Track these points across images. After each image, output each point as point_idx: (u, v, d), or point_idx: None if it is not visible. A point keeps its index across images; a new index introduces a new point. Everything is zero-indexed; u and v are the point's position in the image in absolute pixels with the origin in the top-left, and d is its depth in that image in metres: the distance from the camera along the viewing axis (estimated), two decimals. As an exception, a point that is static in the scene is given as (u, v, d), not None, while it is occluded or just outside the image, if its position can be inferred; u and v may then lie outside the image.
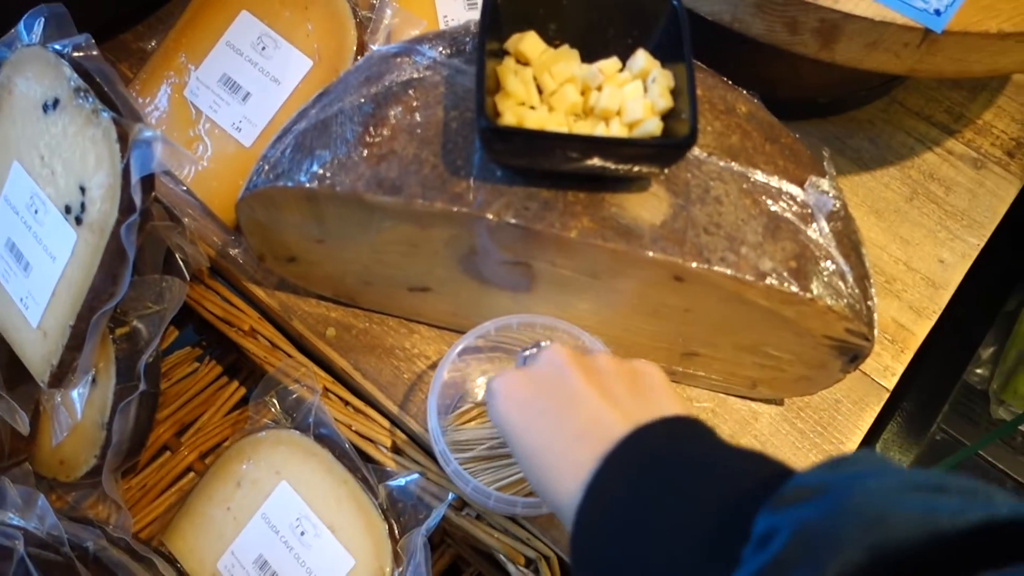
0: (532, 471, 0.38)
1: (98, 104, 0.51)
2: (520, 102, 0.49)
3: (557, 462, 0.37)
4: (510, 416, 0.40)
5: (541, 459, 0.38)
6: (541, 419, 0.39)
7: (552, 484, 0.36)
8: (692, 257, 0.48)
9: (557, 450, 0.37)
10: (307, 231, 0.54)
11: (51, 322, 0.55)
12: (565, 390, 0.39)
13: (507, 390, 0.41)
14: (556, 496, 0.36)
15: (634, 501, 0.33)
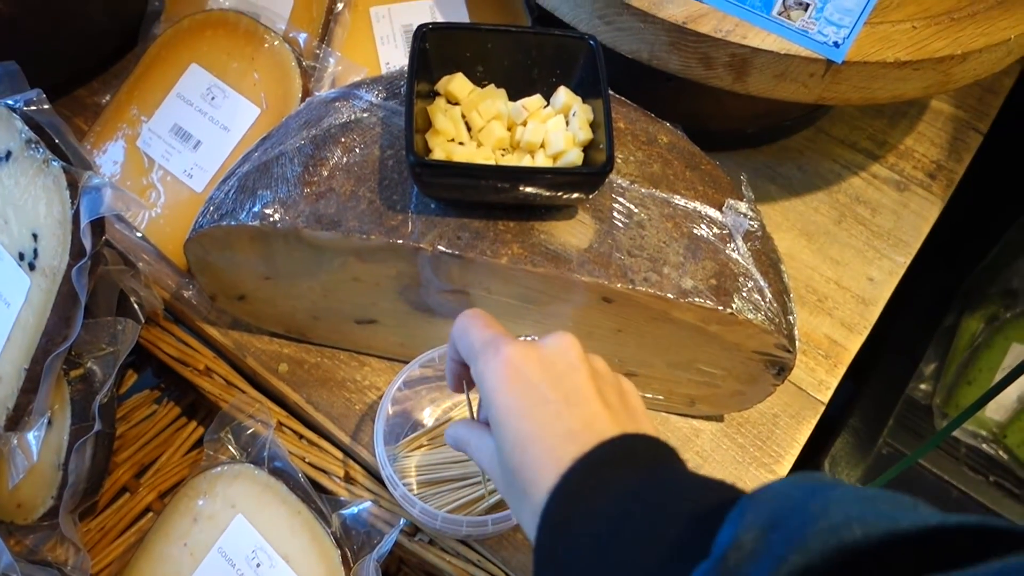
0: (512, 456, 0.37)
1: (48, 154, 0.53)
2: (449, 139, 0.52)
3: (541, 455, 0.36)
4: (512, 393, 0.38)
5: (527, 448, 0.37)
6: (541, 408, 0.37)
7: (529, 475, 0.36)
8: (617, 278, 0.51)
9: (546, 444, 0.36)
10: (254, 269, 0.57)
11: (6, 366, 0.56)
12: (570, 384, 0.38)
13: (516, 364, 0.39)
14: (528, 487, 0.36)
15: (604, 506, 0.33)
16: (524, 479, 0.36)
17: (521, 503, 0.37)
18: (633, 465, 0.35)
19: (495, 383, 0.39)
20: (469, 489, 0.56)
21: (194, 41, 0.70)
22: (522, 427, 0.37)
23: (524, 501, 0.36)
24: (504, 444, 0.38)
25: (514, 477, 0.37)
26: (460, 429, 0.45)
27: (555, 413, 0.37)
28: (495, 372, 0.39)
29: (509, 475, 0.38)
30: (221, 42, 0.69)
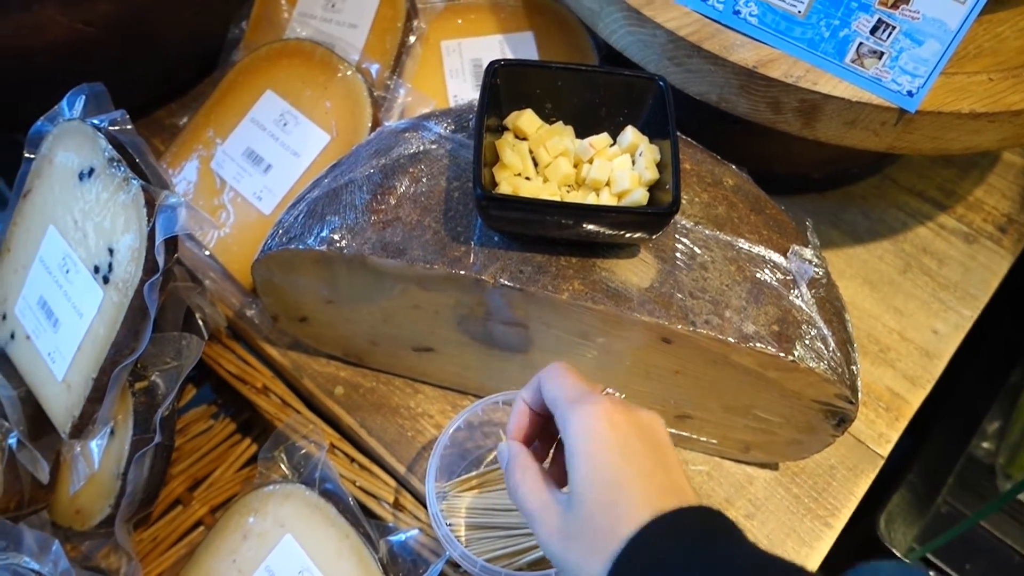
0: (600, 494, 0.38)
1: (129, 173, 0.55)
2: (516, 173, 0.53)
3: (634, 497, 0.37)
4: (610, 437, 0.39)
5: (622, 488, 0.38)
6: (638, 459, 0.39)
7: (616, 513, 0.37)
8: (678, 320, 0.51)
9: (640, 488, 0.38)
10: (317, 292, 0.58)
11: (75, 376, 0.58)
12: (662, 453, 0.40)
13: (616, 417, 0.40)
14: (614, 525, 0.37)
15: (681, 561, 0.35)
16: (609, 517, 0.37)
17: (591, 544, 0.38)
18: (710, 535, 0.36)
19: (593, 427, 0.40)
20: (514, 540, 0.55)
21: (271, 68, 0.72)
22: (619, 469, 0.39)
23: (596, 541, 0.37)
24: (592, 482, 0.39)
25: (594, 517, 0.38)
26: (520, 455, 0.45)
27: (651, 467, 0.39)
28: (594, 417, 0.40)
29: (586, 515, 0.39)
30: (296, 70, 0.71)
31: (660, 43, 0.60)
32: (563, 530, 0.40)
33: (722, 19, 0.59)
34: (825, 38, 0.56)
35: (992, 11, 0.64)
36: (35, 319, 0.60)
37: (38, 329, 0.60)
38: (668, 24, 0.59)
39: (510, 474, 0.44)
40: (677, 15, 0.59)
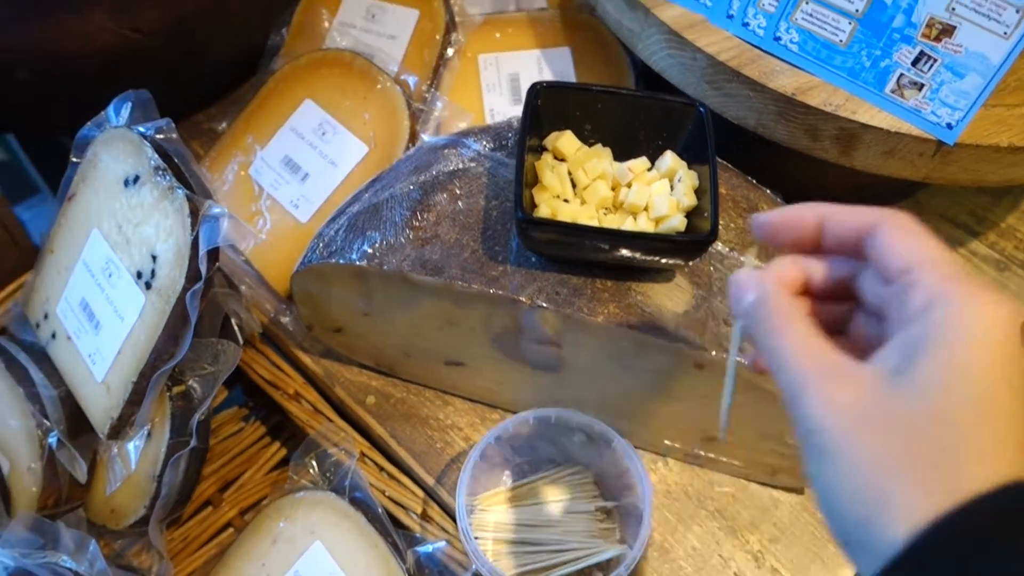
0: (945, 405, 0.27)
1: (174, 182, 0.56)
2: (555, 195, 0.54)
3: (991, 440, 0.27)
4: (1007, 346, 0.28)
5: (973, 416, 0.27)
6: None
7: (952, 452, 0.27)
8: (712, 346, 0.51)
9: (1004, 434, 0.27)
10: (354, 305, 0.59)
11: (115, 378, 0.59)
12: None
13: (1016, 319, 0.29)
14: (932, 466, 0.27)
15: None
16: (957, 445, 0.27)
17: (915, 460, 0.27)
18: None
19: (989, 328, 0.28)
20: (542, 556, 0.56)
21: (310, 78, 0.73)
22: (998, 397, 0.27)
23: (924, 464, 0.27)
24: (955, 389, 0.27)
25: (932, 431, 0.27)
26: (782, 294, 0.33)
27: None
28: (996, 319, 0.29)
29: (934, 416, 0.27)
30: (336, 80, 0.72)
31: (700, 67, 0.60)
32: (872, 410, 0.28)
33: (762, 45, 0.59)
34: (866, 67, 0.57)
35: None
36: (77, 320, 0.62)
37: (79, 330, 0.61)
38: (708, 48, 0.59)
39: (761, 317, 0.33)
40: (717, 39, 0.60)
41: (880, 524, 0.26)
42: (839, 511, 0.28)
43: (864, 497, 0.27)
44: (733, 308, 0.34)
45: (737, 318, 0.35)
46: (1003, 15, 0.51)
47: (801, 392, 0.30)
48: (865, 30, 0.55)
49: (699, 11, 0.61)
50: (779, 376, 0.31)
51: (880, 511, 0.26)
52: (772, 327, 0.32)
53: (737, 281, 0.34)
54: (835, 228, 0.34)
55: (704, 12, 0.60)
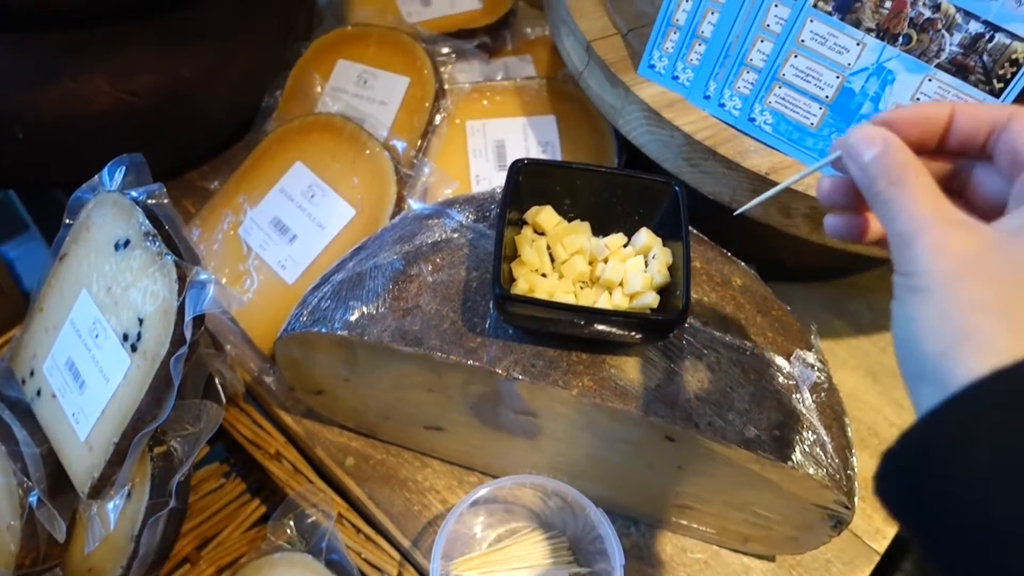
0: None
1: (163, 248, 0.58)
2: (534, 269, 0.55)
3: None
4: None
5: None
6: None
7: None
8: (682, 421, 0.53)
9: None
10: (336, 370, 0.60)
11: (97, 438, 0.60)
12: None
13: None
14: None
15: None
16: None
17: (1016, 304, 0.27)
18: None
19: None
20: None
21: (302, 141, 0.75)
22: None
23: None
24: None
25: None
26: (905, 149, 0.33)
27: None
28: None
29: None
30: (326, 144, 0.74)
31: (677, 144, 0.62)
32: (982, 259, 0.29)
33: (738, 125, 0.62)
34: (836, 150, 0.59)
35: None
36: (62, 379, 0.63)
37: (64, 389, 0.62)
38: (686, 127, 0.61)
39: (886, 168, 0.33)
40: (695, 119, 0.62)
41: (961, 355, 0.26)
42: (920, 344, 0.28)
43: (952, 329, 0.27)
44: (850, 163, 0.34)
45: (852, 169, 0.35)
46: (964, 107, 0.53)
47: (915, 237, 0.30)
48: (835, 115, 0.57)
49: (677, 91, 0.63)
50: (892, 224, 0.31)
51: (964, 342, 0.27)
52: (895, 178, 0.32)
53: (862, 135, 0.34)
54: (966, 122, 0.34)
55: (682, 92, 0.63)
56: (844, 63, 0.55)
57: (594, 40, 0.66)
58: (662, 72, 0.63)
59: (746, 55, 0.59)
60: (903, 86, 0.54)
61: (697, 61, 0.61)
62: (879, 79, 0.55)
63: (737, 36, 0.58)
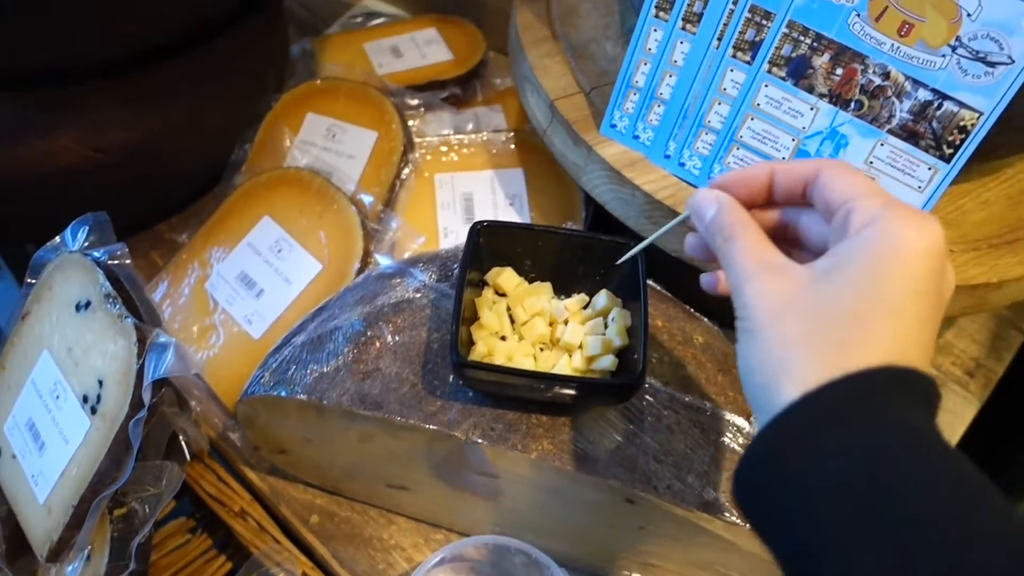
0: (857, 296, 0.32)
1: (124, 310, 0.58)
2: (493, 332, 0.55)
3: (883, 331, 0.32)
4: (922, 254, 0.33)
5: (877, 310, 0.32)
6: (923, 297, 0.33)
7: (849, 336, 0.32)
8: (641, 485, 0.53)
9: (896, 327, 0.32)
10: (298, 431, 0.60)
11: (56, 500, 0.59)
12: (945, 298, 0.35)
13: (937, 234, 0.33)
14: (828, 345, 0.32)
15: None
16: (855, 331, 0.32)
17: (814, 340, 0.32)
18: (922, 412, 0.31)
19: (913, 240, 0.33)
20: None
21: (270, 195, 0.75)
22: (909, 298, 0.32)
23: (822, 344, 0.32)
24: (867, 283, 0.33)
25: (839, 316, 0.32)
26: (737, 206, 0.39)
27: (928, 316, 0.33)
28: (920, 233, 0.33)
29: (834, 307, 0.33)
30: (294, 199, 0.75)
31: (639, 203, 0.63)
32: (796, 300, 0.33)
33: (698, 184, 0.62)
34: (793, 210, 0.59)
35: (954, 182, 0.67)
36: (23, 440, 0.62)
37: (24, 450, 0.62)
38: (646, 187, 0.62)
39: (719, 226, 0.38)
40: (656, 178, 0.62)
41: (780, 385, 0.32)
42: (752, 377, 0.34)
43: (772, 364, 0.33)
44: (696, 223, 0.40)
45: (699, 230, 0.41)
46: (917, 171, 0.54)
47: (743, 284, 0.35)
48: (791, 176, 0.58)
49: (639, 150, 0.63)
50: (729, 272, 0.37)
51: (782, 375, 0.32)
52: (728, 234, 0.37)
53: (701, 198, 0.40)
54: (784, 178, 0.39)
55: (643, 151, 0.63)
56: (799, 127, 0.56)
57: (557, 99, 0.67)
58: (623, 131, 0.63)
59: (704, 117, 0.59)
60: (856, 150, 0.55)
61: (657, 122, 0.62)
62: (833, 143, 0.55)
63: (695, 98, 0.59)
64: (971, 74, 0.49)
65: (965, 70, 0.49)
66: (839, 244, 0.35)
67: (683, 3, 0.57)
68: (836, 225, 0.36)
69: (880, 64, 0.52)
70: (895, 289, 0.32)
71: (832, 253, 0.35)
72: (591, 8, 0.76)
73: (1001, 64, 0.48)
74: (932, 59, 0.50)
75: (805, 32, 0.53)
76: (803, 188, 0.39)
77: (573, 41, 0.72)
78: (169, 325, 0.73)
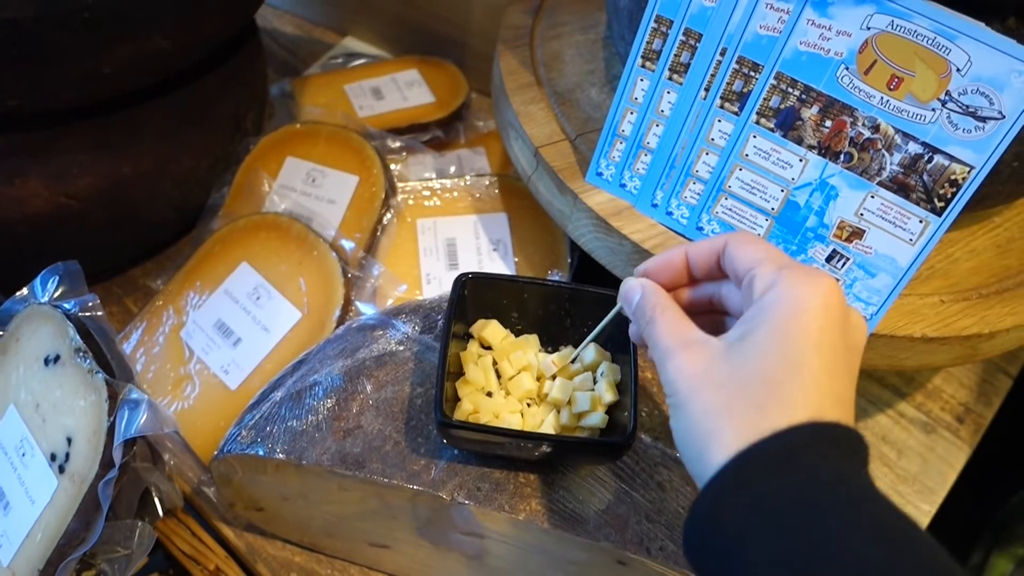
0: (766, 363, 0.35)
1: (94, 365, 0.56)
2: (479, 388, 0.54)
3: (796, 393, 0.34)
4: (819, 312, 0.35)
5: (787, 373, 0.34)
6: (828, 352, 0.35)
7: (764, 401, 0.34)
8: (633, 546, 0.51)
9: (807, 387, 0.34)
10: (275, 490, 0.57)
11: (21, 563, 0.56)
12: (855, 344, 0.37)
13: (836, 303, 0.36)
14: (747, 411, 0.34)
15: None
16: (769, 396, 0.34)
17: (733, 409, 0.34)
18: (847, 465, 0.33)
19: (807, 299, 0.35)
20: None
21: (248, 240, 0.74)
22: (808, 353, 0.34)
23: (741, 410, 0.34)
24: (772, 350, 0.35)
25: (754, 384, 0.34)
26: (659, 291, 0.42)
27: (837, 369, 0.35)
28: (813, 291, 0.36)
29: (747, 376, 0.35)
30: (273, 244, 0.73)
31: (626, 251, 0.62)
32: (712, 373, 0.36)
33: (686, 233, 0.61)
34: (783, 260, 0.58)
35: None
36: (-14, 499, 0.59)
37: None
38: (633, 236, 0.61)
39: (643, 310, 0.41)
40: (642, 227, 0.61)
41: (709, 455, 0.34)
42: (685, 450, 0.36)
43: (700, 436, 0.35)
44: (626, 309, 0.44)
45: (628, 315, 0.44)
46: (908, 223, 0.53)
47: (665, 361, 0.38)
48: (781, 227, 0.57)
49: (625, 198, 0.63)
50: (654, 352, 0.40)
51: (709, 446, 0.34)
52: (650, 316, 0.41)
53: (628, 286, 0.44)
54: (697, 257, 0.42)
55: (630, 199, 0.62)
56: (788, 177, 0.56)
57: (542, 146, 0.66)
58: (610, 180, 0.62)
59: (692, 167, 0.59)
60: (846, 202, 0.54)
61: (644, 171, 0.61)
62: (823, 194, 0.55)
63: (683, 148, 0.59)
64: (961, 128, 0.49)
65: (955, 124, 0.49)
66: (747, 311, 0.37)
67: (670, 54, 0.57)
68: (744, 293, 0.39)
69: (870, 117, 0.51)
70: (798, 349, 0.35)
71: (741, 321, 0.37)
72: (575, 54, 0.76)
73: (992, 119, 0.48)
74: (922, 113, 0.50)
75: (793, 84, 0.53)
76: (716, 263, 0.42)
77: (558, 87, 0.72)
78: (143, 375, 0.71)
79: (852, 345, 0.37)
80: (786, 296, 0.36)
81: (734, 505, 0.32)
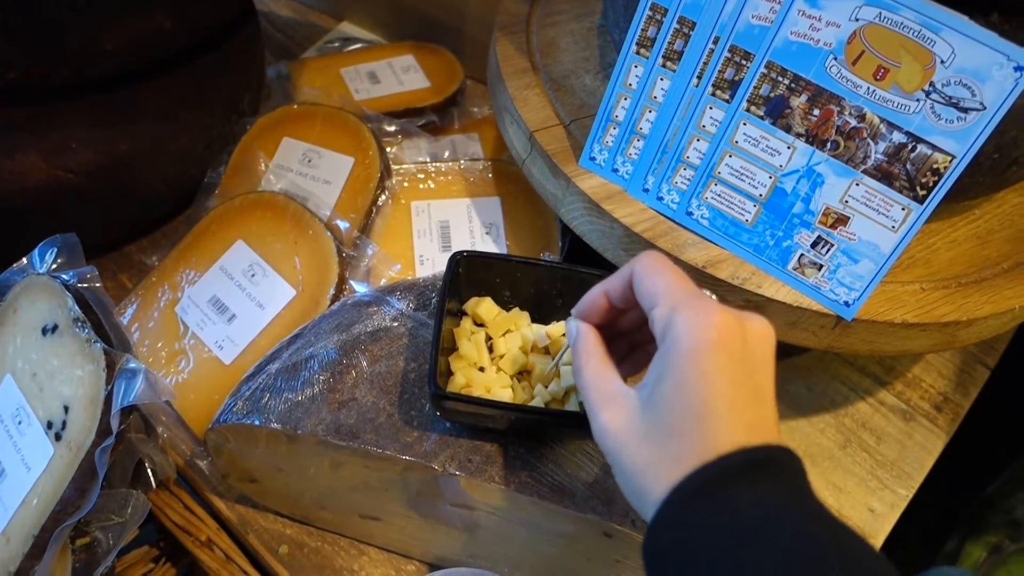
0: (684, 418, 0.37)
1: (92, 335, 0.56)
2: (471, 363, 0.55)
3: (719, 429, 0.36)
4: (711, 359, 0.37)
5: (707, 418, 0.36)
6: (733, 389, 0.37)
7: (699, 438, 0.36)
8: (619, 518, 0.52)
9: (729, 425, 0.36)
10: (269, 460, 0.59)
11: (16, 529, 0.57)
12: (760, 379, 0.38)
13: (725, 333, 0.37)
14: (696, 447, 0.36)
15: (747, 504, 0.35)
16: (690, 438, 0.36)
17: (661, 455, 0.37)
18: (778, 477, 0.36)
19: (697, 341, 0.37)
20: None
21: (244, 219, 0.75)
22: (711, 397, 0.36)
23: (667, 457, 0.36)
24: (682, 395, 0.37)
25: (674, 430, 0.37)
26: (586, 337, 0.44)
27: (744, 397, 0.37)
28: (701, 330, 0.37)
29: (666, 425, 0.37)
30: (268, 223, 0.74)
31: (617, 235, 0.63)
32: (633, 429, 0.38)
33: (675, 218, 0.63)
34: (770, 246, 0.60)
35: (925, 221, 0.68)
36: (-18, 467, 0.60)
37: (-16, 477, 0.60)
38: (624, 220, 0.62)
39: (575, 355, 0.44)
40: (633, 211, 0.63)
41: (645, 503, 0.37)
42: (627, 494, 0.39)
43: (635, 492, 0.38)
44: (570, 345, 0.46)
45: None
46: (891, 211, 0.55)
47: (593, 416, 0.41)
48: (768, 213, 0.59)
49: (617, 183, 0.64)
50: (584, 400, 0.42)
51: (644, 495, 0.37)
52: (578, 365, 0.43)
53: (568, 327, 0.46)
54: (615, 293, 0.44)
55: (622, 184, 0.64)
56: (776, 165, 0.57)
57: (536, 130, 0.67)
58: (602, 164, 0.64)
59: (683, 153, 0.60)
60: (832, 189, 0.56)
61: (636, 156, 0.62)
62: (809, 181, 0.56)
63: (674, 134, 0.60)
64: (944, 119, 0.51)
65: (938, 115, 0.51)
66: (653, 362, 0.39)
67: (664, 41, 0.58)
68: (651, 329, 0.40)
69: (856, 106, 0.53)
70: (699, 398, 0.36)
71: (649, 371, 0.39)
72: (571, 41, 0.77)
73: (973, 110, 0.49)
74: (906, 103, 0.51)
75: (783, 73, 0.54)
76: (631, 292, 0.43)
77: (553, 74, 0.73)
78: (137, 349, 0.72)
79: (756, 364, 0.38)
80: (680, 341, 0.37)
81: (666, 550, 0.36)
